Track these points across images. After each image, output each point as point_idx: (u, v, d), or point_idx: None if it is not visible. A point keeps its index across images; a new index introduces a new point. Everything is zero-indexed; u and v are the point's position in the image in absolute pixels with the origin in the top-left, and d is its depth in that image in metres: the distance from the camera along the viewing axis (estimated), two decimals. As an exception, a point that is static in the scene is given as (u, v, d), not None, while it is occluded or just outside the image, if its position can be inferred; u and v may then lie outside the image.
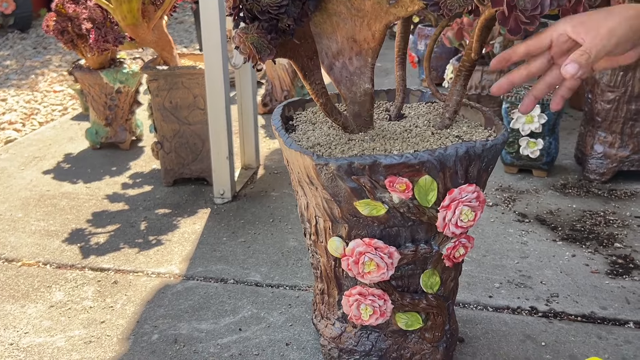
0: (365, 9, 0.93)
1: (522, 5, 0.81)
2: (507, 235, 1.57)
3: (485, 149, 0.88)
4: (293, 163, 0.94)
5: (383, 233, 0.92)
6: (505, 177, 1.94)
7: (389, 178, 0.86)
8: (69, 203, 1.83)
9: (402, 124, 1.02)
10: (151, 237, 1.62)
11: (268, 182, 1.96)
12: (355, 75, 0.97)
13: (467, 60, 0.97)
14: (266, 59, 0.83)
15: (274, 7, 0.80)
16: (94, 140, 2.23)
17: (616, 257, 1.46)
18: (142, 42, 1.77)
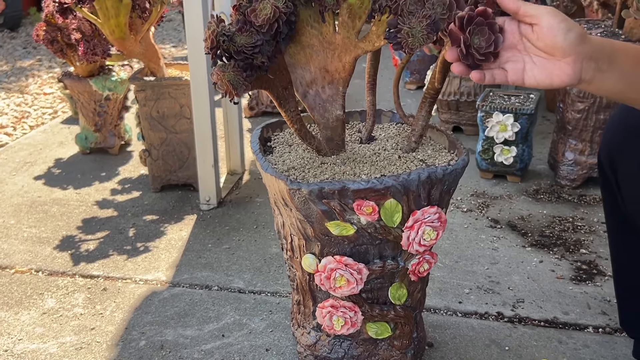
0: (336, 42, 0.99)
1: (477, 43, 0.88)
2: (479, 241, 1.65)
3: (446, 174, 0.96)
4: (269, 185, 1.01)
5: (353, 251, 0.99)
6: (480, 182, 2.01)
7: (357, 202, 0.93)
8: (60, 209, 1.89)
9: (371, 147, 1.10)
10: (139, 244, 1.68)
11: (253, 188, 2.02)
12: (327, 103, 1.04)
13: (431, 88, 1.04)
14: (242, 94, 0.90)
15: (249, 47, 0.87)
16: (83, 145, 2.29)
17: (581, 262, 1.54)
18: (129, 54, 1.83)
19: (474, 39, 0.88)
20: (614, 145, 1.04)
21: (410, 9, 0.87)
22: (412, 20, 0.87)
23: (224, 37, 0.86)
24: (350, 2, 0.94)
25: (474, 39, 0.88)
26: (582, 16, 2.43)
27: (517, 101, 1.98)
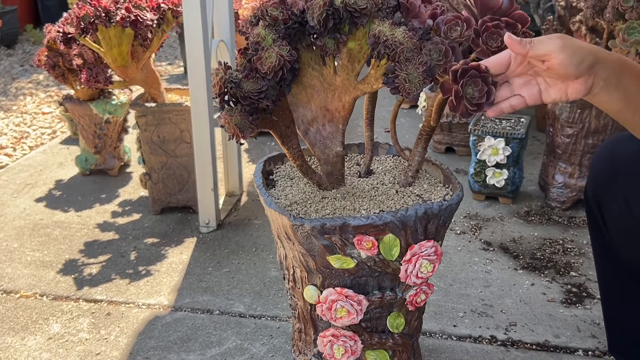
0: (336, 83, 1.04)
1: (470, 94, 0.93)
2: (473, 264, 1.70)
3: (441, 209, 1.01)
4: (273, 220, 1.05)
5: (353, 282, 1.04)
6: (473, 204, 2.07)
7: (357, 237, 0.98)
8: (62, 232, 1.93)
9: (370, 181, 1.14)
10: (141, 268, 1.72)
11: (251, 210, 2.07)
12: (328, 140, 1.09)
13: (427, 126, 1.09)
14: (248, 137, 0.94)
15: (255, 93, 0.91)
16: (83, 167, 2.33)
17: (571, 285, 1.59)
18: (131, 81, 1.88)
19: (467, 89, 0.92)
20: (600, 181, 1.09)
21: (407, 56, 0.92)
22: (409, 67, 0.92)
23: (231, 83, 0.91)
24: (350, 47, 1.00)
25: (467, 89, 0.91)
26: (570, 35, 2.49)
27: (508, 125, 2.04)
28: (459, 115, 0.93)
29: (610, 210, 1.07)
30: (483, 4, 0.99)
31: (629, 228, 1.05)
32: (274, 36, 0.94)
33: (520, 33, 0.99)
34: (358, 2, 0.94)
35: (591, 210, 1.13)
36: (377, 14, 0.96)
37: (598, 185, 1.09)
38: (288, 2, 0.98)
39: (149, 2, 1.73)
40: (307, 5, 0.97)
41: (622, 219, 1.05)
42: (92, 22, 1.64)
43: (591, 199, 1.11)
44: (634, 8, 1.63)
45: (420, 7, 0.96)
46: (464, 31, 0.96)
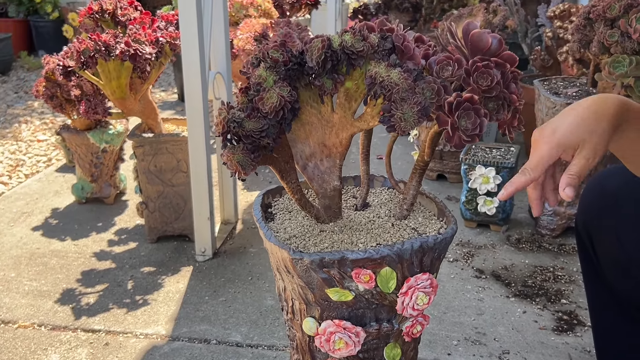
0: (334, 120, 1.08)
1: (464, 125, 0.98)
2: (466, 292, 1.73)
3: (436, 243, 1.04)
4: (272, 253, 1.08)
5: (351, 314, 1.07)
6: (465, 231, 2.10)
7: (355, 270, 1.01)
8: (59, 262, 1.94)
9: (366, 214, 1.18)
10: (138, 297, 1.74)
11: (246, 238, 2.09)
12: (325, 174, 1.13)
13: (421, 161, 1.13)
14: (249, 173, 0.98)
15: (257, 132, 0.95)
16: (79, 195, 2.35)
17: (562, 313, 1.63)
18: (129, 112, 1.91)
19: (461, 121, 0.97)
20: (590, 214, 1.12)
21: (402, 96, 0.96)
22: (404, 106, 0.96)
23: (234, 123, 0.94)
24: (347, 86, 1.03)
25: (461, 121, 0.97)
26: (558, 70, 2.56)
27: (499, 154, 2.08)
28: (453, 146, 0.97)
29: (600, 243, 1.10)
30: (473, 45, 1.04)
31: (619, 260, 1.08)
32: (275, 77, 0.97)
33: (509, 72, 1.03)
34: (355, 45, 0.98)
35: (582, 241, 1.17)
36: (373, 56, 1.00)
37: (588, 219, 1.13)
38: (288, 44, 1.02)
39: (148, 36, 1.77)
40: (306, 47, 1.01)
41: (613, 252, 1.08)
42: (92, 56, 1.67)
43: (582, 231, 1.15)
44: (618, 42, 1.69)
45: (414, 50, 1.00)
46: (455, 71, 1.00)
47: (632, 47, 1.68)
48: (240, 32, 2.69)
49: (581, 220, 1.15)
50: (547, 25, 2.66)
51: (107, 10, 1.90)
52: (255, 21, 2.79)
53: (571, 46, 1.95)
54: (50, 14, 5.33)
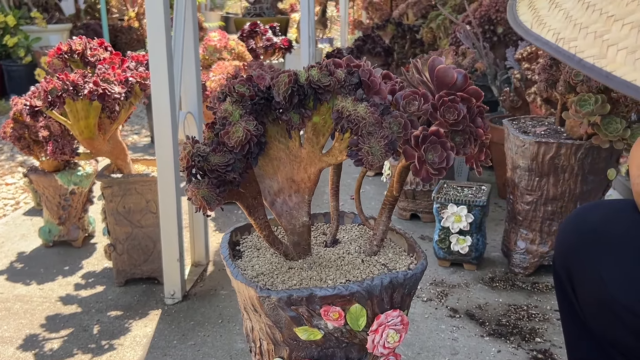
0: (302, 155, 1.07)
1: (431, 159, 0.97)
2: (440, 332, 1.71)
3: (406, 278, 1.02)
4: (239, 292, 1.06)
5: (320, 354, 1.04)
6: (439, 270, 2.09)
7: (324, 307, 0.98)
8: (23, 306, 1.88)
9: (336, 250, 1.16)
10: (104, 342, 1.68)
11: (217, 280, 2.05)
12: (294, 210, 1.11)
13: (390, 196, 1.12)
14: (215, 209, 0.96)
15: (222, 166, 0.93)
16: (47, 238, 2.30)
17: (537, 351, 1.61)
18: (97, 153, 1.88)
19: (428, 155, 0.97)
20: (568, 252, 1.10)
21: (370, 130, 0.96)
22: (372, 140, 0.95)
23: (199, 157, 0.93)
24: (315, 121, 1.03)
25: (428, 155, 0.97)
26: (527, 110, 2.60)
27: (470, 193, 2.09)
28: (421, 180, 0.96)
29: (581, 281, 1.09)
30: (439, 80, 1.05)
31: (603, 300, 1.05)
32: (241, 111, 0.96)
33: (475, 107, 1.04)
34: (322, 80, 0.98)
35: (560, 279, 1.15)
36: (340, 91, 1.00)
37: (567, 256, 1.11)
38: (254, 79, 1.01)
39: (117, 76, 1.76)
40: (273, 82, 1.00)
41: (595, 291, 1.06)
42: (60, 96, 1.66)
43: (560, 269, 1.13)
44: (584, 82, 1.72)
45: (380, 84, 1.00)
46: (421, 105, 1.00)
47: (597, 86, 1.71)
48: (212, 73, 2.70)
49: (559, 258, 1.13)
50: (516, 67, 2.71)
51: (76, 51, 1.89)
52: (227, 63, 2.81)
53: (538, 85, 1.98)
54: (22, 58, 5.31)
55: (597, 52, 0.46)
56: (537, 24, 0.54)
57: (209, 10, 10.34)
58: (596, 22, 0.48)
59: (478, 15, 3.23)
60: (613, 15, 0.47)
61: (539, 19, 0.54)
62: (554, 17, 0.52)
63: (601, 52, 0.46)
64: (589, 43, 0.47)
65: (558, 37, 0.50)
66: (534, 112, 2.50)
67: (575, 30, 0.49)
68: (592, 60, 0.46)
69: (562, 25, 0.51)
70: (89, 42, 1.95)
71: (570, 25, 0.50)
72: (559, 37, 0.50)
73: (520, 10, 0.59)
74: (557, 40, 0.50)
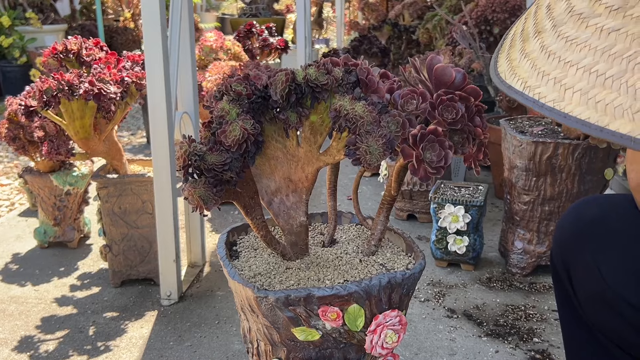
0: (299, 155, 1.06)
1: (429, 158, 0.97)
2: (437, 332, 1.70)
3: (405, 278, 1.02)
4: (236, 292, 1.05)
5: (318, 355, 1.03)
6: (436, 271, 2.08)
7: (321, 308, 0.98)
8: (18, 308, 1.87)
9: (334, 250, 1.15)
10: (99, 343, 1.67)
11: (214, 281, 2.04)
12: (291, 210, 1.10)
13: (388, 195, 1.11)
14: (211, 208, 0.95)
15: (219, 165, 0.93)
16: (42, 239, 2.28)
17: (535, 352, 1.60)
18: (93, 153, 1.87)
19: (426, 154, 0.97)
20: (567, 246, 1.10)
21: (368, 129, 0.95)
22: (369, 139, 0.95)
23: (195, 156, 0.92)
24: (312, 120, 1.02)
25: (426, 154, 0.96)
26: (524, 111, 2.60)
27: (467, 193, 2.09)
28: (419, 179, 0.96)
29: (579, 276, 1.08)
30: (437, 79, 1.04)
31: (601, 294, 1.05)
32: (238, 110, 0.96)
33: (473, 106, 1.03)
34: (319, 78, 0.97)
35: (558, 274, 1.15)
36: (337, 89, 0.99)
37: (565, 250, 1.11)
38: (251, 78, 1.00)
39: (113, 76, 1.75)
40: (270, 80, 1.00)
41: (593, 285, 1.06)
42: (55, 96, 1.65)
43: (558, 264, 1.13)
44: (580, 81, 1.72)
45: (378, 83, 1.00)
46: (419, 104, 1.00)
47: (594, 86, 1.70)
48: (209, 74, 2.69)
49: (557, 253, 1.13)
50: (512, 67, 2.70)
51: (71, 50, 1.88)
52: (224, 63, 2.80)
53: (535, 86, 1.97)
54: (17, 58, 5.29)
55: (557, 96, 0.52)
56: (510, 74, 0.59)
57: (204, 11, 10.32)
58: (555, 68, 0.53)
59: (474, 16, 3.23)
60: (569, 61, 0.52)
61: (512, 69, 0.59)
62: (523, 67, 0.58)
63: (559, 95, 0.51)
64: (549, 88, 0.53)
65: (525, 85, 0.55)
66: (530, 112, 2.49)
67: (539, 78, 0.54)
68: (552, 103, 0.51)
69: (529, 74, 0.56)
70: (85, 41, 1.94)
71: (534, 74, 0.55)
72: (526, 85, 0.55)
73: (499, 62, 0.64)
74: (524, 89, 0.55)
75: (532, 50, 0.59)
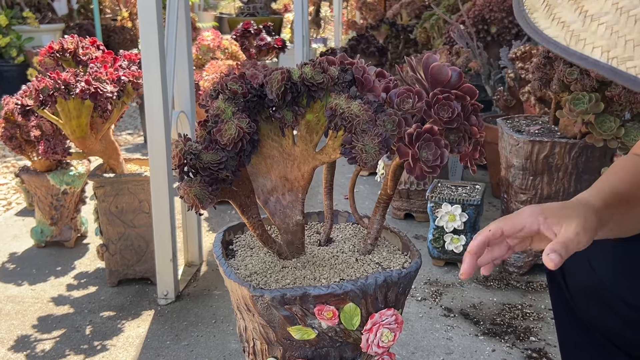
0: (295, 153, 1.06)
1: (425, 157, 0.97)
2: (434, 331, 1.70)
3: (401, 277, 1.01)
4: (232, 291, 1.05)
5: (314, 354, 1.03)
6: (433, 270, 2.08)
7: (317, 306, 0.98)
8: (14, 307, 1.86)
9: (330, 249, 1.15)
10: (96, 342, 1.67)
11: (211, 280, 2.04)
12: (288, 209, 1.10)
13: (384, 194, 1.11)
14: (207, 207, 0.95)
15: (215, 164, 0.92)
16: (39, 239, 2.28)
17: (531, 350, 1.60)
18: (90, 152, 1.87)
19: (422, 152, 0.97)
20: None
21: (363, 128, 0.95)
22: (365, 138, 0.95)
23: (191, 155, 0.92)
24: (308, 119, 1.02)
25: (422, 152, 0.96)
26: (521, 110, 2.60)
27: (464, 192, 2.09)
28: (415, 178, 0.96)
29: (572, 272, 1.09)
30: (433, 78, 1.04)
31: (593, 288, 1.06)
32: (234, 109, 0.96)
33: (469, 105, 1.03)
34: (315, 77, 0.97)
35: (552, 273, 1.15)
36: (333, 88, 0.99)
37: None
38: (247, 77, 1.00)
39: (109, 75, 1.74)
40: (266, 79, 0.99)
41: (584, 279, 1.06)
42: (51, 95, 1.64)
43: None
44: (578, 80, 1.72)
45: (374, 82, 1.00)
46: (415, 103, 1.00)
47: (592, 85, 1.71)
48: (206, 73, 2.69)
49: None
50: (509, 66, 2.71)
51: (68, 50, 1.88)
52: (221, 63, 2.80)
53: (532, 85, 1.98)
54: (15, 58, 5.28)
55: None
56: (574, 41, 0.49)
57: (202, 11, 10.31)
58: None
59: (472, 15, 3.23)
60: None
61: (573, 34, 0.49)
62: (594, 32, 0.47)
63: None
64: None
65: (609, 57, 0.46)
66: (527, 111, 2.50)
67: (627, 48, 0.45)
68: None
69: (610, 42, 0.46)
70: (81, 40, 1.93)
71: (620, 42, 0.46)
72: (610, 57, 0.46)
73: (540, 23, 0.54)
74: (609, 60, 0.46)
75: None
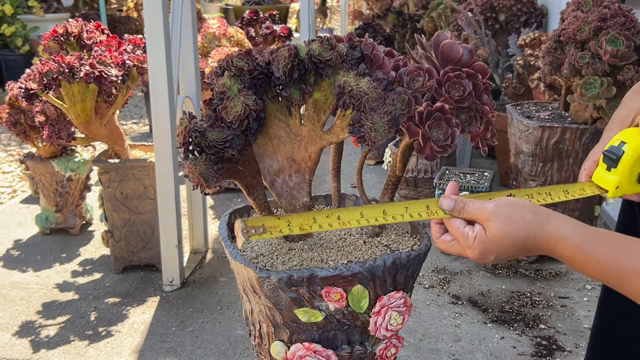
0: (302, 134, 1.04)
1: (435, 136, 0.94)
2: (442, 318, 1.68)
3: (410, 259, 0.99)
4: (238, 273, 1.03)
5: (322, 337, 1.01)
6: (440, 257, 2.06)
7: (325, 288, 0.95)
8: (19, 293, 1.85)
9: (337, 231, 1.13)
10: (101, 328, 1.66)
11: (216, 267, 2.03)
12: (294, 190, 1.08)
13: (393, 176, 1.09)
14: (213, 186, 0.93)
15: (220, 142, 0.90)
16: (44, 226, 2.27)
17: (541, 338, 1.58)
18: (94, 137, 1.85)
19: (433, 132, 0.94)
20: None
21: (372, 106, 0.93)
22: (374, 116, 0.92)
23: (196, 132, 0.90)
24: (316, 97, 1.00)
25: (432, 132, 0.94)
26: (530, 97, 2.56)
27: (473, 179, 2.06)
28: (425, 158, 0.93)
29: None
30: (444, 56, 1.01)
31: None
32: (240, 86, 0.93)
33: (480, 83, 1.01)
34: (323, 54, 0.94)
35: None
36: (341, 65, 0.96)
37: None
38: (253, 54, 0.98)
39: (114, 59, 1.72)
40: (273, 56, 0.97)
41: None
42: (55, 78, 1.62)
43: None
44: (589, 64, 1.69)
45: (383, 59, 0.97)
46: (426, 81, 0.97)
47: (603, 69, 1.68)
48: (211, 59, 2.66)
49: None
50: (518, 54, 2.67)
51: (72, 33, 1.86)
52: (227, 49, 2.77)
53: (542, 69, 1.95)
54: (20, 47, 5.27)
55: None
56: None
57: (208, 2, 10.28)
58: None
59: (480, 3, 3.19)
60: None
61: None
62: None
63: None
64: None
65: None
66: (536, 98, 2.46)
67: None
68: None
69: None
70: (86, 24, 1.91)
71: None
72: None
73: None
74: None
75: None
